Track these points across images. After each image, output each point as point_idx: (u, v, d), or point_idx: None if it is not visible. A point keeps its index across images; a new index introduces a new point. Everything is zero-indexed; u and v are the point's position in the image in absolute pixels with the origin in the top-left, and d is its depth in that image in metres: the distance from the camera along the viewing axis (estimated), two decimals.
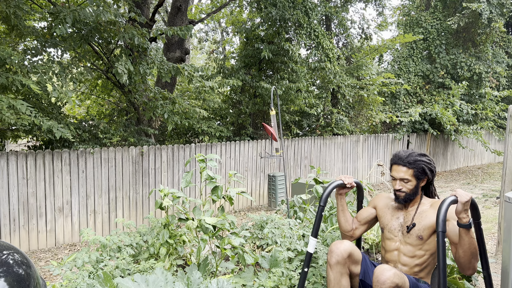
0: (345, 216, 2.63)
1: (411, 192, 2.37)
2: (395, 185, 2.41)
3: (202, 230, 2.71)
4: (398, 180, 2.39)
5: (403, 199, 2.39)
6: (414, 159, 2.36)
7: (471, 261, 2.06)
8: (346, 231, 2.64)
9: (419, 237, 2.31)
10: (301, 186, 6.77)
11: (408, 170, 2.35)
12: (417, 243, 2.32)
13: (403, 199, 2.39)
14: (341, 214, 2.64)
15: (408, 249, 2.36)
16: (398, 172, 2.38)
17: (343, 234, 2.67)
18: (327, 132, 9.92)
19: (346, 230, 2.64)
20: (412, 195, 2.38)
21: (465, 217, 2.00)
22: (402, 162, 2.37)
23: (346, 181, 2.53)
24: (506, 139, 4.09)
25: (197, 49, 20.22)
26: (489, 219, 6.55)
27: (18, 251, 0.88)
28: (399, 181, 2.38)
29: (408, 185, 2.36)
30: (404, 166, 2.36)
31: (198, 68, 6.99)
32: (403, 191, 2.37)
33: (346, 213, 2.63)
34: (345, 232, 2.65)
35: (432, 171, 2.39)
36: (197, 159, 2.96)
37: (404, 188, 2.36)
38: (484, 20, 11.39)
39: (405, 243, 2.38)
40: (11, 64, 4.77)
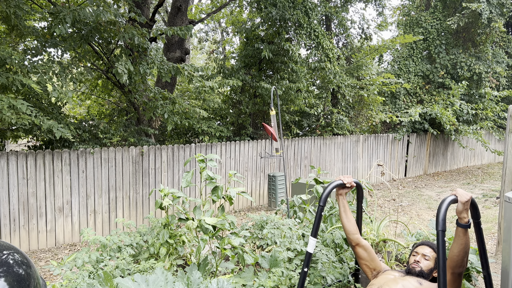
0: (348, 216, 2.57)
1: (425, 271, 2.45)
2: (415, 257, 2.51)
3: (202, 230, 2.71)
4: (420, 254, 2.52)
5: (416, 272, 2.44)
6: None
7: (464, 259, 2.14)
8: (350, 232, 2.56)
9: (419, 282, 2.33)
10: (301, 186, 6.77)
11: (433, 253, 2.50)
12: (414, 285, 2.31)
13: (416, 272, 2.44)
14: (343, 214, 2.58)
15: (403, 284, 2.32)
16: (423, 249, 2.54)
17: (348, 235, 2.59)
18: (327, 132, 9.92)
19: (350, 231, 2.56)
20: (425, 274, 2.44)
21: (465, 217, 2.01)
22: (430, 245, 2.55)
23: (345, 181, 2.52)
24: (506, 139, 4.10)
25: (197, 49, 20.22)
26: (489, 219, 6.55)
27: (18, 251, 0.88)
28: (420, 255, 2.51)
29: (426, 263, 2.47)
30: (431, 248, 2.54)
31: (198, 68, 6.99)
32: (420, 265, 2.46)
33: (348, 214, 2.58)
34: (349, 233, 2.57)
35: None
36: (197, 159, 2.96)
37: (422, 263, 2.47)
38: (484, 20, 11.39)
39: (402, 280, 2.37)
40: (11, 64, 4.77)
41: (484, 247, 2.18)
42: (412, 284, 2.30)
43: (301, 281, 2.31)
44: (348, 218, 2.57)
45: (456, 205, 2.07)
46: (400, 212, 7.48)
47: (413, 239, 3.43)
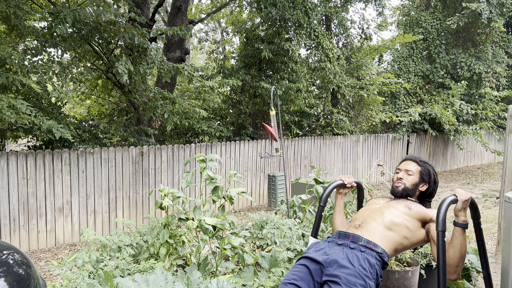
0: (341, 217, 2.57)
1: (410, 187, 2.30)
2: (398, 175, 2.37)
3: (202, 230, 2.71)
4: (403, 171, 2.37)
5: (400, 191, 2.30)
6: (425, 161, 2.40)
7: (459, 264, 1.98)
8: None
9: (407, 206, 2.17)
10: (301, 186, 6.77)
11: (417, 166, 2.36)
12: (403, 211, 2.14)
13: (400, 191, 2.30)
14: (337, 214, 2.57)
15: (389, 211, 2.14)
16: (406, 165, 2.39)
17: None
18: (327, 132, 9.92)
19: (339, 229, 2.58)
20: (409, 190, 2.30)
21: (463, 216, 1.99)
22: (414, 159, 2.40)
23: (346, 181, 2.52)
24: (506, 139, 4.10)
25: (197, 49, 20.22)
26: (489, 219, 6.55)
27: (18, 251, 0.88)
28: (403, 172, 2.36)
29: (410, 178, 2.32)
30: (414, 161, 2.39)
31: (198, 68, 6.99)
32: (403, 182, 2.32)
33: (342, 215, 2.58)
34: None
35: (435, 183, 2.37)
36: (198, 159, 2.96)
37: (405, 180, 2.32)
38: (484, 20, 11.39)
39: (388, 207, 2.20)
40: (11, 64, 4.77)
41: (484, 247, 2.18)
42: (399, 210, 2.15)
43: None
44: (341, 219, 2.56)
45: (455, 204, 2.06)
46: None
47: None
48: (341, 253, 2.00)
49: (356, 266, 1.90)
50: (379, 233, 2.07)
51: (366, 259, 1.95)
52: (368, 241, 2.03)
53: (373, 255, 1.98)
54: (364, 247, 2.01)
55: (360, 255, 1.96)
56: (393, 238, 2.07)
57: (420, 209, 2.17)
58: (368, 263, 1.93)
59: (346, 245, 2.05)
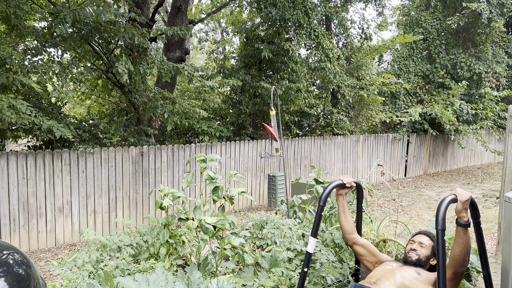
0: (346, 216, 2.64)
1: (422, 259, 2.44)
2: (412, 246, 2.51)
3: (203, 230, 2.71)
4: (417, 242, 2.52)
5: (414, 261, 2.43)
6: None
7: (465, 258, 2.14)
8: (347, 232, 2.64)
9: (417, 272, 2.32)
10: (301, 186, 6.77)
11: (430, 241, 2.52)
12: (413, 276, 2.29)
13: (414, 261, 2.43)
14: (342, 214, 2.64)
15: (401, 274, 2.30)
16: (420, 238, 2.55)
17: (344, 235, 2.67)
18: (327, 132, 9.92)
19: (347, 231, 2.64)
20: (422, 262, 2.43)
21: (465, 216, 2.02)
22: (428, 234, 2.57)
23: (345, 181, 2.54)
24: (506, 139, 4.10)
25: (197, 49, 20.22)
26: (489, 219, 6.55)
27: (18, 251, 0.88)
28: (417, 244, 2.51)
29: (423, 250, 2.47)
30: (428, 236, 2.55)
31: (198, 68, 6.99)
32: (417, 253, 2.46)
33: (347, 214, 2.64)
34: (346, 233, 2.65)
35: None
36: (198, 159, 2.96)
37: (419, 251, 2.47)
38: (484, 20, 11.38)
39: (400, 270, 2.35)
40: (11, 64, 4.77)
41: (484, 247, 2.18)
42: (410, 274, 2.29)
43: (301, 281, 2.31)
44: (346, 218, 2.63)
45: (456, 204, 2.07)
46: (400, 212, 7.48)
47: None
48: None
49: None
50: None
51: None
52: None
53: None
54: None
55: None
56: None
57: (428, 275, 2.32)
58: None
59: None
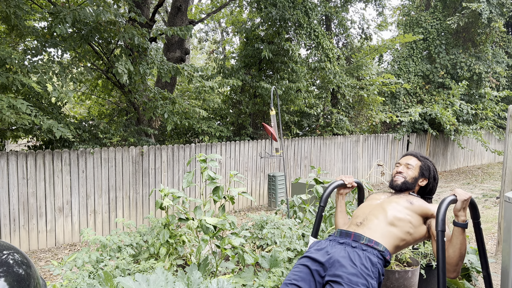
0: (343, 218, 2.57)
1: (409, 181, 2.29)
2: (398, 168, 2.36)
3: (203, 230, 2.71)
4: (403, 165, 2.36)
5: (399, 185, 2.29)
6: (425, 157, 2.40)
7: (458, 263, 1.98)
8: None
9: (409, 201, 2.16)
10: (301, 186, 6.77)
11: (417, 161, 2.36)
12: (405, 205, 2.12)
13: (399, 185, 2.29)
14: (339, 215, 2.58)
15: (391, 207, 2.12)
16: (406, 159, 2.39)
17: None
18: (327, 132, 9.92)
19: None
20: (409, 184, 2.28)
21: (463, 216, 1.99)
22: (414, 154, 2.41)
23: (346, 181, 2.51)
24: (506, 139, 4.10)
25: (197, 49, 20.22)
26: (489, 219, 6.55)
27: (18, 251, 0.88)
28: (403, 166, 2.36)
29: (410, 171, 2.32)
30: (415, 156, 2.39)
31: (198, 68, 6.99)
32: (403, 175, 2.31)
33: (344, 215, 2.58)
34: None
35: (435, 180, 2.37)
36: (198, 159, 2.96)
37: (405, 173, 2.32)
38: (484, 20, 11.38)
39: (389, 202, 2.18)
40: (11, 64, 4.77)
41: (484, 247, 2.18)
42: (401, 204, 2.14)
43: None
44: (344, 220, 2.57)
45: (455, 204, 2.06)
46: None
47: None
48: (342, 252, 1.98)
49: (358, 265, 1.89)
50: (381, 230, 2.05)
51: (368, 258, 1.94)
52: (370, 239, 2.02)
53: (375, 254, 1.97)
54: (365, 246, 2.00)
55: (362, 254, 1.95)
56: (395, 235, 2.06)
57: (422, 204, 2.15)
58: (370, 262, 1.92)
59: (347, 244, 2.03)
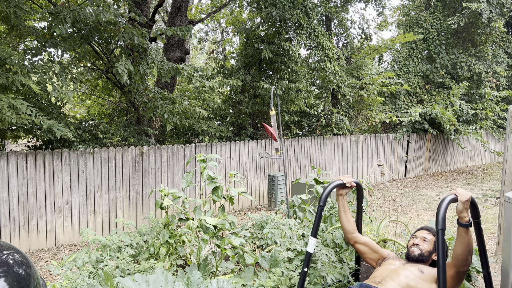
0: (347, 216, 2.66)
1: (425, 254, 2.45)
2: (414, 241, 2.52)
3: (203, 230, 2.71)
4: (419, 238, 2.54)
5: (416, 256, 2.44)
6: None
7: (468, 258, 2.14)
8: (348, 232, 2.66)
9: (420, 270, 2.32)
10: (301, 186, 6.77)
11: (432, 236, 2.53)
12: (416, 274, 2.29)
13: (416, 256, 2.44)
14: (343, 214, 2.66)
15: (405, 274, 2.30)
16: (422, 233, 2.56)
17: (345, 235, 2.69)
18: (327, 132, 9.92)
19: (348, 230, 2.65)
20: (424, 257, 2.44)
21: (466, 216, 2.02)
22: (430, 230, 2.58)
23: (345, 180, 2.55)
24: (506, 139, 4.10)
25: (197, 49, 20.22)
26: (489, 219, 6.55)
27: (18, 251, 0.88)
28: (420, 239, 2.53)
29: (426, 245, 2.48)
30: (430, 232, 2.57)
31: (198, 68, 6.99)
32: (419, 248, 2.48)
33: (347, 213, 2.66)
34: (347, 232, 2.66)
35: (447, 255, 2.53)
36: (198, 159, 2.96)
37: (421, 246, 2.48)
38: (484, 20, 11.38)
39: (403, 269, 2.36)
40: (11, 64, 4.77)
41: (484, 247, 2.18)
42: (413, 273, 2.30)
43: (301, 281, 2.31)
44: (347, 218, 2.65)
45: (456, 204, 2.07)
46: (400, 212, 7.48)
47: None
48: None
49: None
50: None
51: None
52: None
53: None
54: None
55: None
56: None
57: (431, 271, 2.32)
58: None
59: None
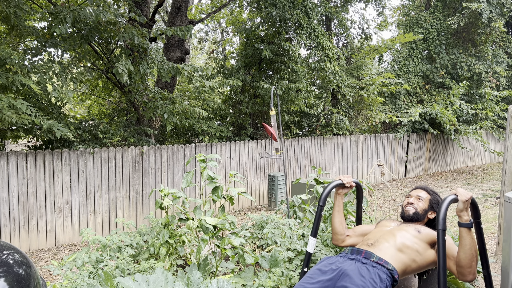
0: (340, 217, 2.62)
1: (419, 212, 2.41)
2: (409, 200, 2.48)
3: (203, 230, 2.71)
4: (414, 196, 2.49)
5: (411, 215, 2.40)
6: (435, 192, 2.53)
7: (472, 264, 2.00)
8: (338, 233, 2.61)
9: (417, 230, 2.25)
10: (301, 186, 6.77)
11: (427, 194, 2.48)
12: (413, 234, 2.22)
13: (411, 215, 2.40)
14: (337, 214, 2.62)
15: (400, 234, 2.21)
16: (417, 192, 2.52)
17: (335, 236, 2.63)
18: (327, 132, 9.92)
19: (339, 232, 2.61)
20: (419, 215, 2.40)
21: (466, 216, 2.00)
22: (425, 188, 2.54)
23: (345, 180, 2.54)
24: (506, 139, 4.10)
25: (197, 49, 20.22)
26: (489, 219, 6.55)
27: (18, 251, 0.88)
28: (414, 198, 2.48)
29: (420, 203, 2.44)
30: (425, 190, 2.52)
31: (198, 68, 6.99)
32: (414, 206, 2.43)
33: (341, 214, 2.63)
34: (337, 234, 2.61)
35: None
36: (198, 159, 2.96)
37: (416, 204, 2.44)
38: (484, 20, 11.38)
39: (399, 230, 2.28)
40: (11, 64, 4.77)
41: (484, 247, 2.18)
42: (410, 233, 2.23)
43: None
44: (340, 219, 2.61)
45: (457, 204, 2.07)
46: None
47: None
48: (352, 266, 2.05)
49: (366, 278, 1.95)
50: (390, 253, 2.14)
51: (377, 274, 2.00)
52: (380, 258, 2.10)
53: (384, 271, 2.03)
54: (375, 263, 2.07)
55: (372, 270, 2.02)
56: (403, 260, 2.14)
57: (429, 232, 2.26)
58: (379, 278, 1.98)
59: (358, 260, 2.11)
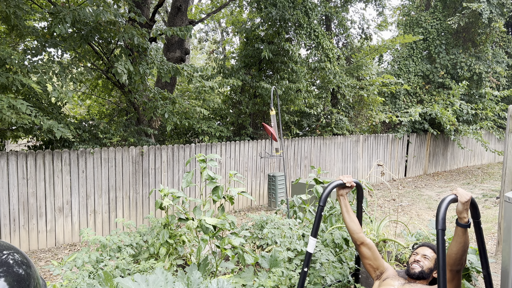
0: (350, 216, 2.58)
1: (425, 271, 2.44)
2: (415, 257, 2.51)
3: (203, 230, 2.71)
4: (420, 255, 2.53)
5: (417, 273, 2.43)
6: None
7: (462, 257, 2.16)
8: (354, 232, 2.57)
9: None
10: (301, 186, 6.77)
11: (433, 254, 2.51)
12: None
13: (417, 273, 2.43)
14: (346, 215, 2.59)
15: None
16: (423, 250, 2.55)
17: (352, 236, 2.60)
18: (327, 132, 9.92)
19: (354, 230, 2.57)
20: (425, 274, 2.43)
21: (465, 217, 2.02)
22: (431, 247, 2.57)
23: (345, 180, 2.53)
24: (506, 139, 4.10)
25: (197, 49, 20.22)
26: (489, 219, 6.55)
27: (18, 251, 0.88)
28: (421, 255, 2.52)
29: (426, 262, 2.47)
30: (431, 249, 2.55)
31: (198, 68, 6.99)
32: (420, 264, 2.46)
33: (350, 213, 2.58)
34: (354, 232, 2.58)
35: None
36: (198, 159, 2.96)
37: (422, 263, 2.47)
38: (484, 20, 11.39)
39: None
40: (11, 64, 4.77)
41: (484, 247, 2.18)
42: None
43: (301, 281, 2.31)
44: (351, 218, 2.58)
45: (456, 204, 2.07)
46: (400, 212, 7.48)
47: (413, 239, 3.43)
48: None
49: None
50: None
51: None
52: None
53: None
54: None
55: None
56: None
57: None
58: None
59: None
